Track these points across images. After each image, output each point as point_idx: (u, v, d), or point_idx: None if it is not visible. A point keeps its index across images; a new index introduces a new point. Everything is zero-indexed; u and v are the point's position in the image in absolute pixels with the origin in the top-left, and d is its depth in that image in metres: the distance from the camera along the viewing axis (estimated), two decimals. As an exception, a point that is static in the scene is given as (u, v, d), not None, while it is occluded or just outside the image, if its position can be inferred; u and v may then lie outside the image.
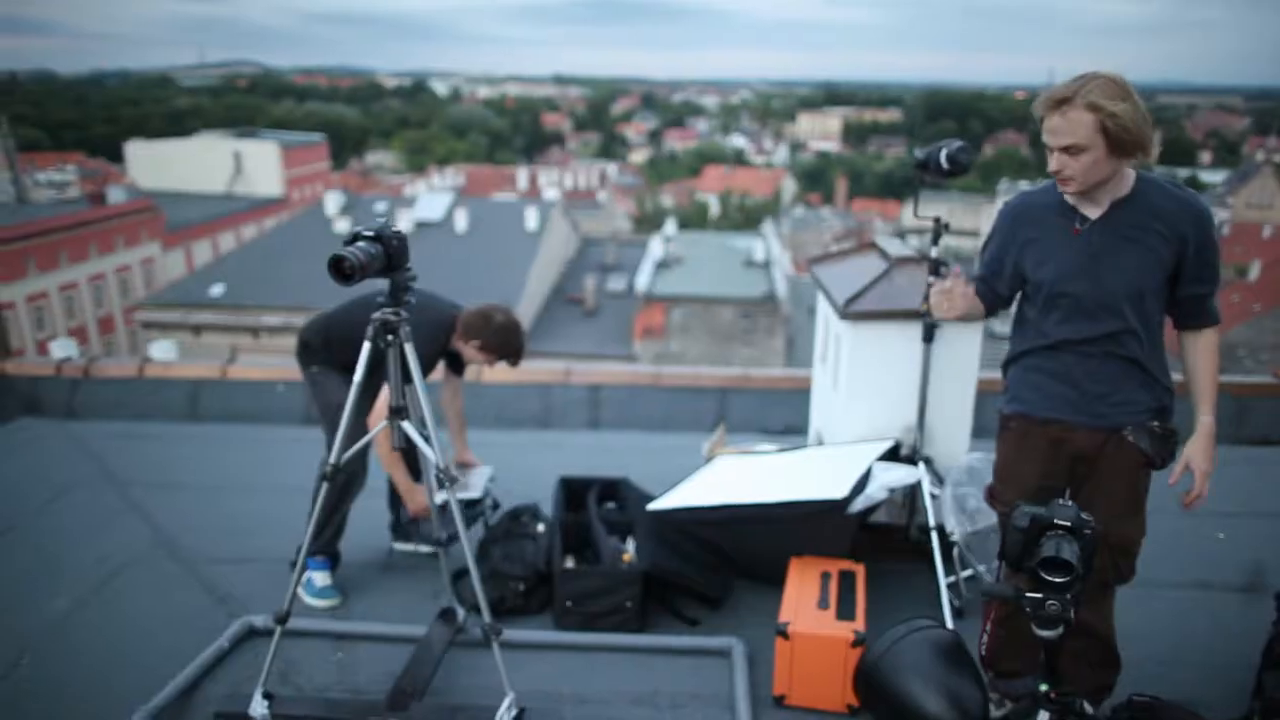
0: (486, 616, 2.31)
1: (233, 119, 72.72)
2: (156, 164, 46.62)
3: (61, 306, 33.30)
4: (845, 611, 2.45)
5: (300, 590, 3.06)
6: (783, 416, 5.25)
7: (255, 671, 2.63)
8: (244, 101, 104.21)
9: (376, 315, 2.17)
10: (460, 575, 3.16)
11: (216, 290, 27.41)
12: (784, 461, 3.28)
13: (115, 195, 39.05)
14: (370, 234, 2.06)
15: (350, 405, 2.26)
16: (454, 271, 28.10)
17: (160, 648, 2.82)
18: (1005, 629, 2.32)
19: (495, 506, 3.51)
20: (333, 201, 32.29)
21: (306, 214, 33.89)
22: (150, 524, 3.83)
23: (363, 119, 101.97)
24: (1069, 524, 1.57)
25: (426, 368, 2.93)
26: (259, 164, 47.49)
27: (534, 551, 3.03)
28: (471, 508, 3.32)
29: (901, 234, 2.92)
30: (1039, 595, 1.59)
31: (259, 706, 2.21)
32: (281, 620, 2.30)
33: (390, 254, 2.09)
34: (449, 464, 2.40)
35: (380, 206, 32.54)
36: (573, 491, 3.58)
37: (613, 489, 3.58)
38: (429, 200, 33.36)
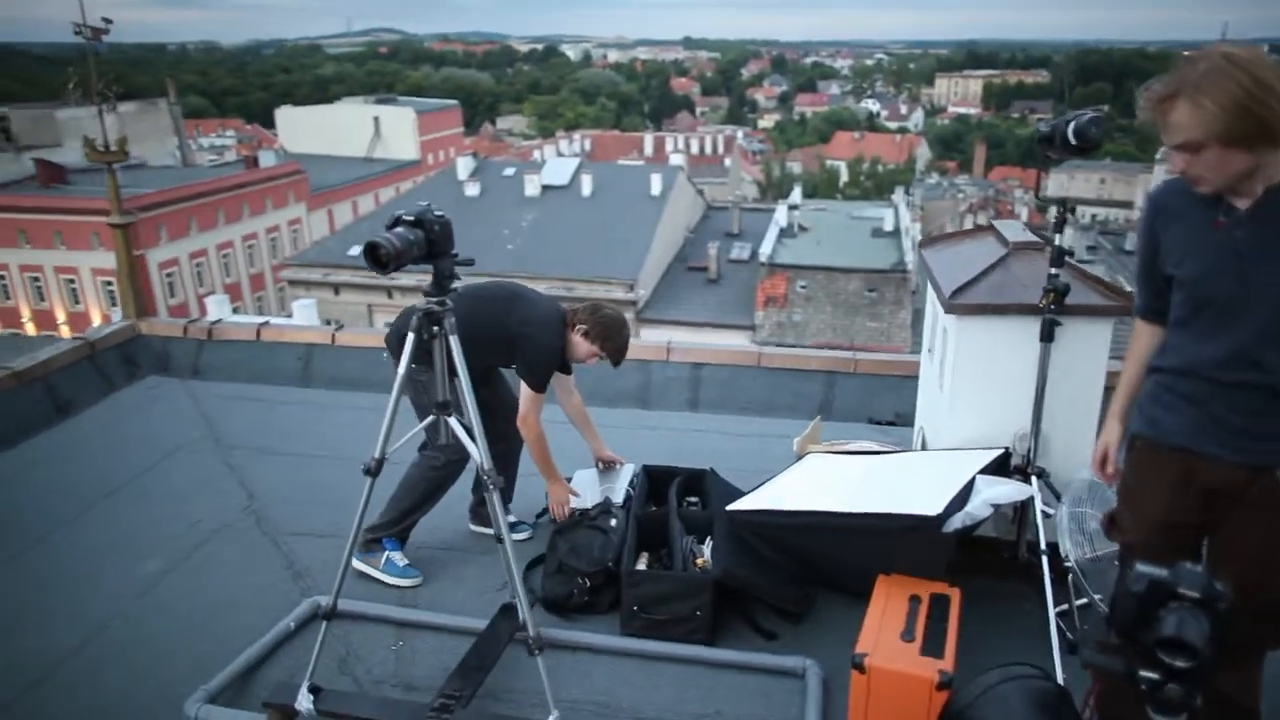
0: (531, 628, 2.17)
1: (373, 85, 75.55)
2: (303, 129, 48.95)
3: (219, 264, 35.57)
4: (932, 646, 2.18)
5: (380, 573, 3.04)
6: (891, 405, 4.91)
7: (321, 652, 2.61)
8: (384, 68, 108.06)
9: (420, 305, 2.05)
10: (533, 566, 3.08)
11: (355, 250, 28.59)
12: (878, 465, 3.00)
13: (266, 159, 41.25)
14: (410, 218, 1.94)
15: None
16: (578, 234, 28.44)
17: (235, 621, 2.84)
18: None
19: (628, 499, 3.34)
20: (464, 166, 33.03)
21: (439, 177, 34.83)
22: (245, 490, 3.91)
23: (495, 84, 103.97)
24: (1197, 595, 1.28)
25: (553, 365, 3.04)
26: (396, 129, 49.14)
27: (603, 547, 2.88)
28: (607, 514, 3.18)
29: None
30: (1156, 677, 1.31)
31: (304, 700, 2.16)
32: (327, 616, 2.25)
33: (432, 240, 1.96)
34: (491, 473, 2.27)
35: (508, 171, 33.09)
36: (654, 481, 3.41)
37: (697, 481, 3.39)
38: (556, 165, 33.67)
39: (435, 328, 2.06)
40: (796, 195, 35.92)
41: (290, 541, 3.41)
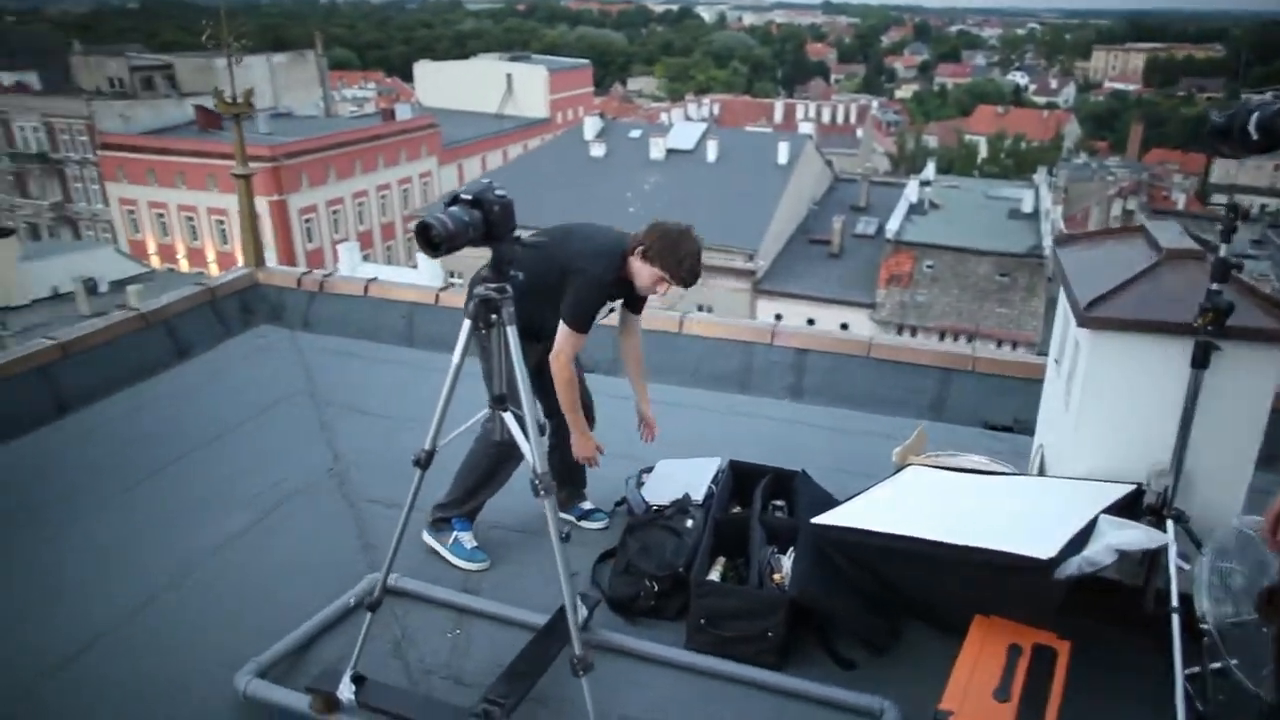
0: (578, 647, 2.02)
1: (509, 42, 76.49)
2: (439, 83, 50.07)
3: (354, 212, 37.00)
4: (1031, 711, 1.92)
5: (447, 552, 2.97)
6: (1010, 409, 4.52)
7: (376, 632, 2.55)
8: (521, 25, 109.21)
9: (478, 290, 1.91)
10: (603, 560, 2.94)
11: (478, 207, 29.08)
12: (987, 488, 2.70)
13: (403, 112, 42.47)
14: (469, 197, 1.79)
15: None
16: (700, 200, 28.07)
17: (301, 589, 2.81)
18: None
19: (710, 497, 3.09)
20: (591, 126, 33.09)
21: (567, 136, 35.02)
22: (332, 449, 3.92)
23: (628, 45, 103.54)
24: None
25: (597, 299, 2.76)
26: (528, 86, 49.66)
27: (676, 549, 2.71)
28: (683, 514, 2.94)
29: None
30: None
31: (346, 690, 2.10)
32: (372, 606, 2.16)
33: (491, 221, 1.81)
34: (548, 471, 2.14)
35: (634, 133, 32.93)
36: (740, 479, 3.21)
37: (786, 483, 3.16)
38: (682, 129, 33.29)
39: (493, 315, 1.91)
40: (930, 170, 34.40)
41: (367, 510, 3.38)
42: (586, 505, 3.24)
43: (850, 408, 4.74)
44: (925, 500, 2.71)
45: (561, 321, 2.73)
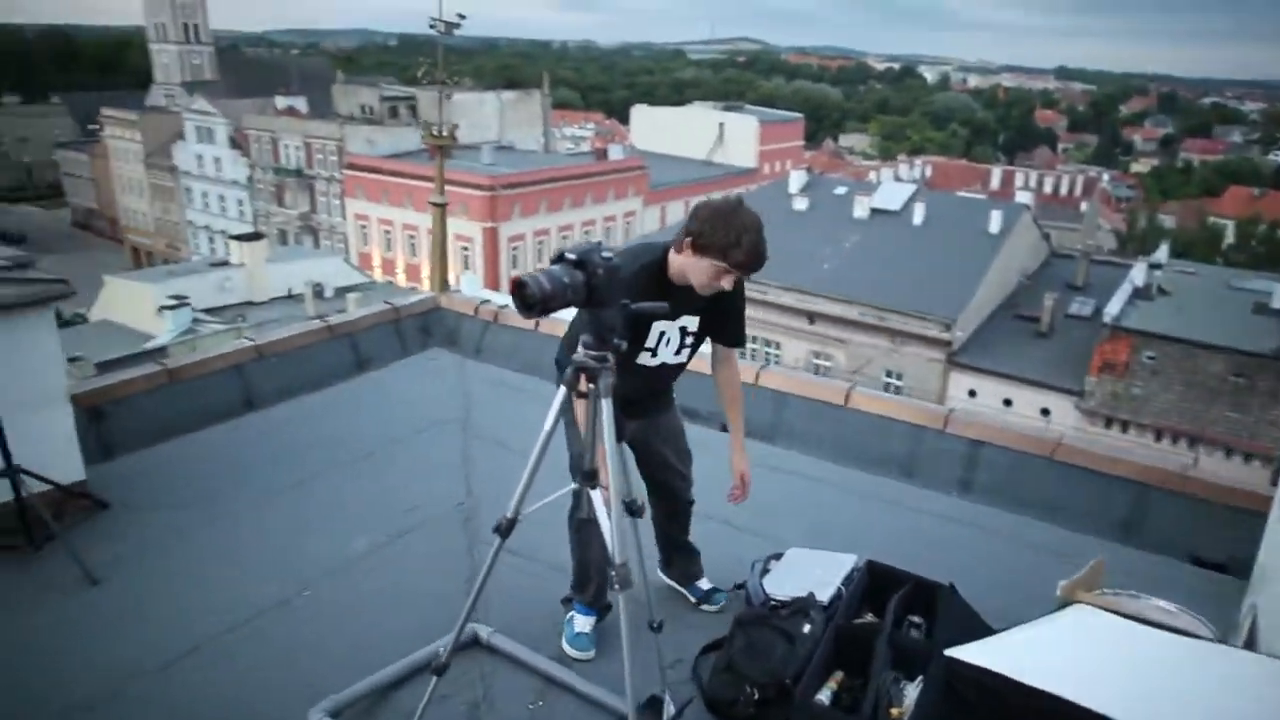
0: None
1: (725, 92, 77.95)
2: (653, 127, 51.68)
3: (558, 243, 38.70)
4: None
5: (564, 625, 2.79)
6: (1225, 544, 3.88)
7: (457, 688, 2.45)
8: (739, 76, 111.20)
9: (576, 356, 1.78)
10: (708, 651, 2.71)
11: (673, 250, 29.45)
12: (1176, 655, 2.23)
13: (615, 153, 44.16)
14: (573, 257, 1.67)
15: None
16: (900, 264, 27.11)
17: (399, 625, 2.78)
18: None
19: (838, 598, 2.77)
20: (796, 179, 32.89)
21: (771, 188, 35.04)
22: (467, 483, 3.93)
23: (844, 101, 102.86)
24: None
25: (629, 293, 2.19)
26: (738, 136, 50.27)
27: (785, 657, 2.43)
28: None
29: None
30: None
31: (405, 754, 1.99)
32: (438, 671, 2.05)
33: (593, 285, 1.68)
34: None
35: (840, 190, 32.41)
36: (877, 580, 2.88)
37: (928, 595, 2.80)
38: (890, 189, 32.41)
39: (590, 385, 1.77)
40: (1163, 253, 31.50)
41: (485, 552, 3.32)
42: (705, 584, 3.00)
43: (1025, 514, 4.23)
44: (1095, 655, 2.28)
45: None
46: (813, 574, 2.87)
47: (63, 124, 64.83)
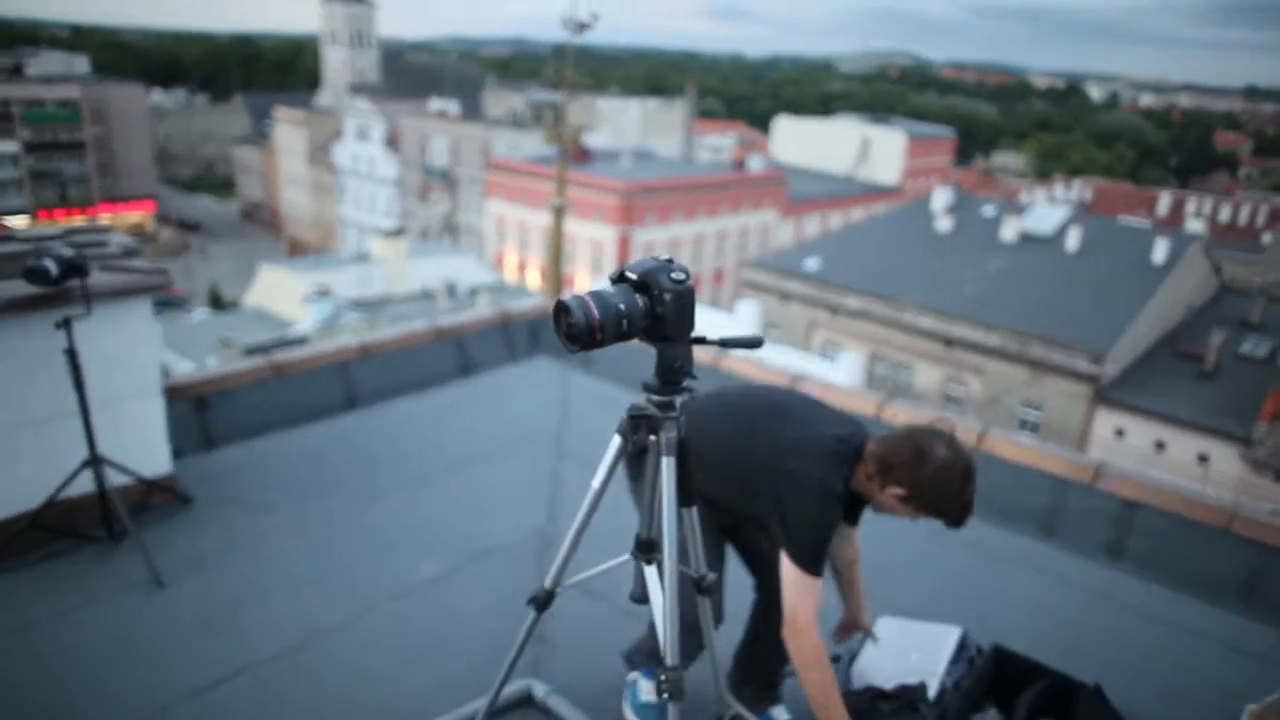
0: None
1: (874, 105, 75.93)
2: (795, 139, 50.93)
3: (691, 252, 38.58)
4: None
5: (626, 691, 2.46)
6: None
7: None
8: (889, 90, 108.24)
9: (634, 405, 1.49)
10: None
11: (811, 263, 28.85)
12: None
13: (754, 164, 43.64)
14: (634, 277, 1.37)
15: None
16: (1050, 291, 25.50)
17: (453, 667, 2.56)
18: None
19: (952, 687, 2.35)
20: (940, 198, 31.54)
21: (913, 206, 33.75)
22: (550, 506, 3.70)
23: (1000, 118, 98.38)
24: None
25: (829, 523, 1.98)
26: (883, 150, 48.84)
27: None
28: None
29: None
30: None
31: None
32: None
33: (659, 315, 1.38)
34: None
35: (988, 211, 30.84)
36: (1004, 668, 2.46)
37: (1068, 698, 2.36)
38: (1043, 212, 30.57)
39: (650, 436, 1.47)
40: (1358, 293, 28.39)
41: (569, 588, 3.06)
42: (782, 714, 2.44)
43: (1190, 594, 3.64)
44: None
45: (784, 558, 1.98)
46: (910, 654, 2.46)
47: (241, 122, 69.94)
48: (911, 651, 2.43)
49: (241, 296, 27.15)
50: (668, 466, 1.51)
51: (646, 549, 1.59)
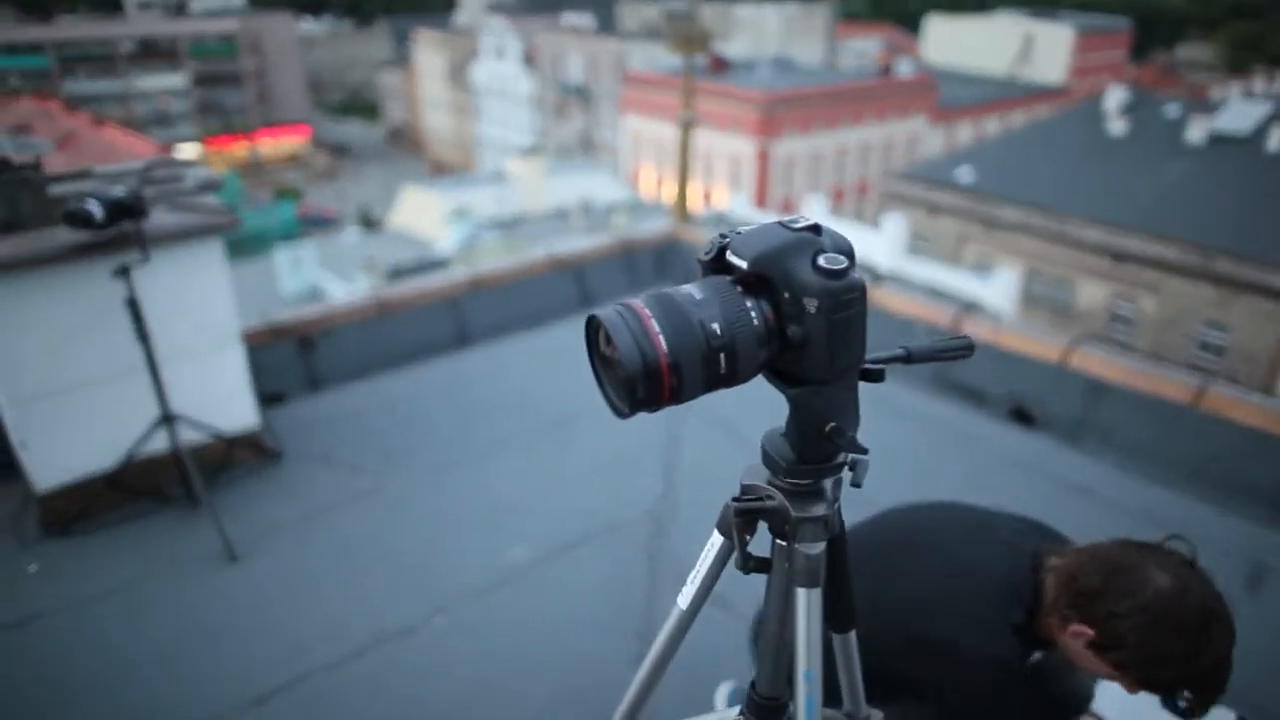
0: None
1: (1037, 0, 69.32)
2: (949, 40, 47.21)
3: (834, 164, 36.81)
4: None
5: None
6: None
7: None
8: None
9: (748, 485, 0.87)
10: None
11: (963, 173, 26.79)
12: None
13: (903, 68, 40.76)
14: (742, 263, 0.76)
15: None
16: (1242, 200, 22.66)
17: (539, 692, 2.18)
18: None
19: None
20: (1114, 97, 28.40)
21: (1081, 109, 30.64)
22: (667, 476, 3.24)
23: (1189, 4, 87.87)
24: None
25: (999, 707, 1.32)
26: (1048, 48, 44.57)
27: None
28: None
29: None
30: None
31: None
32: None
33: (793, 336, 0.76)
34: None
35: (1170, 111, 27.56)
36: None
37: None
38: (1238, 108, 27.03)
39: (779, 541, 0.88)
40: None
41: (667, 581, 2.62)
42: None
43: None
44: None
45: None
46: None
47: (384, 46, 71.21)
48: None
49: (385, 218, 27.86)
50: (807, 602, 0.89)
51: (766, 714, 0.98)
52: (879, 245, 21.98)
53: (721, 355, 0.73)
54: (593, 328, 0.76)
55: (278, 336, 3.87)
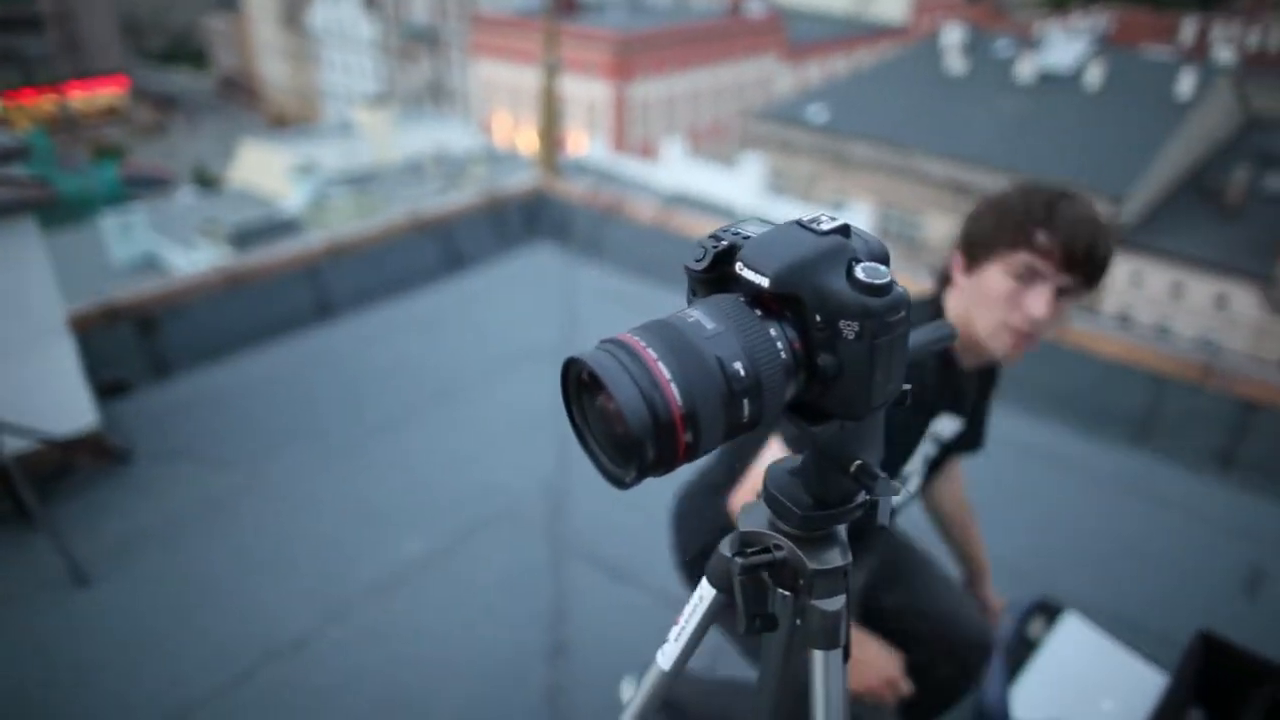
0: None
1: (877, -64, 70.81)
2: (794, -22, 47.67)
3: (686, 106, 36.84)
4: None
5: None
6: None
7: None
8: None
9: (749, 532, 0.67)
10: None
11: (815, 111, 27.34)
12: None
13: (753, 6, 41.02)
14: (763, 281, 0.59)
15: None
16: (1068, 133, 24.18)
17: (446, 695, 2.04)
18: None
19: None
20: (950, 36, 29.53)
21: (920, 48, 31.74)
22: (562, 451, 3.11)
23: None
24: None
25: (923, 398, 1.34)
26: (889, -14, 45.83)
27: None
28: None
29: None
30: None
31: None
32: None
33: (824, 368, 0.60)
34: None
35: (1002, 49, 28.92)
36: (1214, 662, 1.87)
37: None
38: (1060, 46, 28.65)
39: (784, 592, 0.72)
40: (1392, 121, 26.94)
41: (575, 574, 2.48)
42: None
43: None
44: None
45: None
46: (1089, 690, 1.82)
47: (208, -15, 65.70)
48: (1093, 688, 1.82)
49: (223, 174, 25.96)
50: (825, 666, 0.75)
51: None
52: (741, 185, 22.23)
53: (745, 400, 0.57)
54: (573, 373, 0.58)
55: (114, 319, 3.46)
